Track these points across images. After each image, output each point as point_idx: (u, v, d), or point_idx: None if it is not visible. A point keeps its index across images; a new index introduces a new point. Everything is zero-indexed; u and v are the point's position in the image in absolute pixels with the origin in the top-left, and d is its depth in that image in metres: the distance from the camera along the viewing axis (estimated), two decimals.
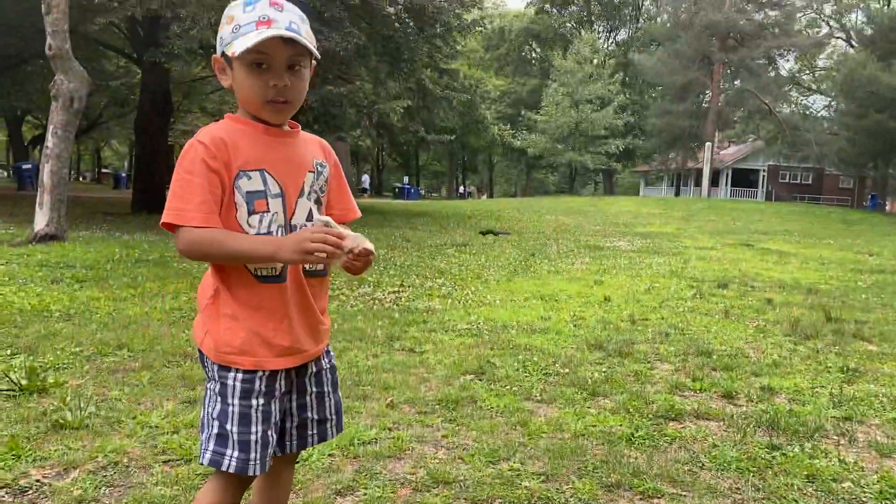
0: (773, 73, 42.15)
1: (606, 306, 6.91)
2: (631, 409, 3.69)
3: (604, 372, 4.44)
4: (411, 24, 19.18)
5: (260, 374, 1.69)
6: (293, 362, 1.74)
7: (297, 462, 2.87)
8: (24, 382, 3.72)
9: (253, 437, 1.69)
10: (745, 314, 6.71)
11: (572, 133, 46.26)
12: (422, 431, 3.34)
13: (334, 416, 1.94)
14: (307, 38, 1.64)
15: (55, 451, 2.97)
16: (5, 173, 42.02)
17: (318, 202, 1.76)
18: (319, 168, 1.79)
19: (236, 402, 1.68)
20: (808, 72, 51.93)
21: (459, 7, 20.16)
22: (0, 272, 7.21)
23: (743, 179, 47.58)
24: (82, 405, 3.46)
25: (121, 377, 4.01)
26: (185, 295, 6.59)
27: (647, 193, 51.56)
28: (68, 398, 3.57)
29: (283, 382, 1.76)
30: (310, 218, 1.72)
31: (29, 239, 9.59)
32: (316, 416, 1.88)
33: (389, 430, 3.34)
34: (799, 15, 43.66)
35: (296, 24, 1.63)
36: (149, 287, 6.91)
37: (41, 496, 2.61)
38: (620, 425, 3.46)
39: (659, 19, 52.20)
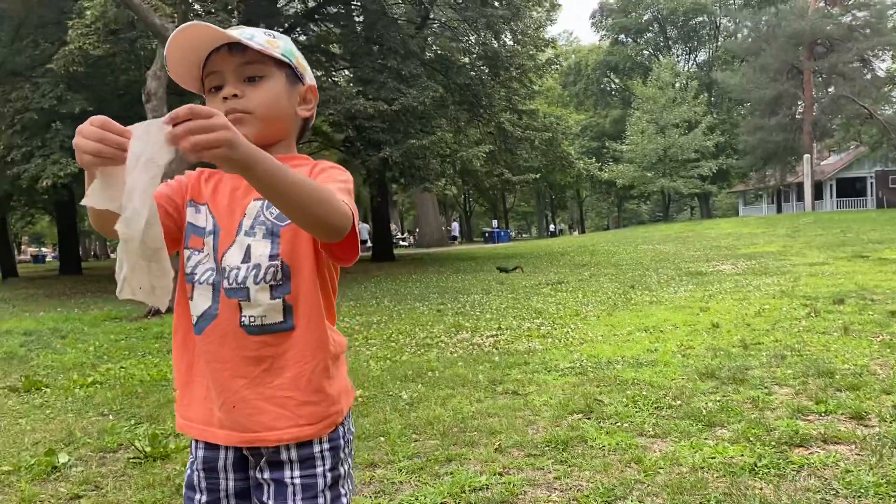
0: (868, 76, 40.13)
1: (715, 333, 6.64)
2: (751, 438, 3.50)
3: (718, 401, 4.24)
4: (486, 70, 19.52)
5: (195, 441, 1.45)
6: (221, 439, 1.39)
7: None
8: (148, 449, 3.91)
9: None
10: (866, 329, 6.29)
11: (661, 159, 45.36)
12: (533, 475, 3.27)
13: None
14: (267, 46, 1.39)
15: None
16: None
17: (271, 235, 1.36)
18: None
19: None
20: None
21: (533, 48, 20.39)
22: (121, 347, 7.65)
23: (849, 189, 45.13)
24: None
25: None
26: None
27: (747, 213, 49.66)
28: None
29: (229, 467, 1.42)
30: (247, 260, 1.36)
31: (145, 313, 10.16)
32: None
33: (500, 475, 3.29)
34: (890, 12, 41.62)
35: (250, 34, 1.39)
36: None
37: None
38: (741, 455, 3.28)
39: (739, 35, 50.99)
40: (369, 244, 31.38)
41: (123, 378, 6.06)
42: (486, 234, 44.88)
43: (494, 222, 51.61)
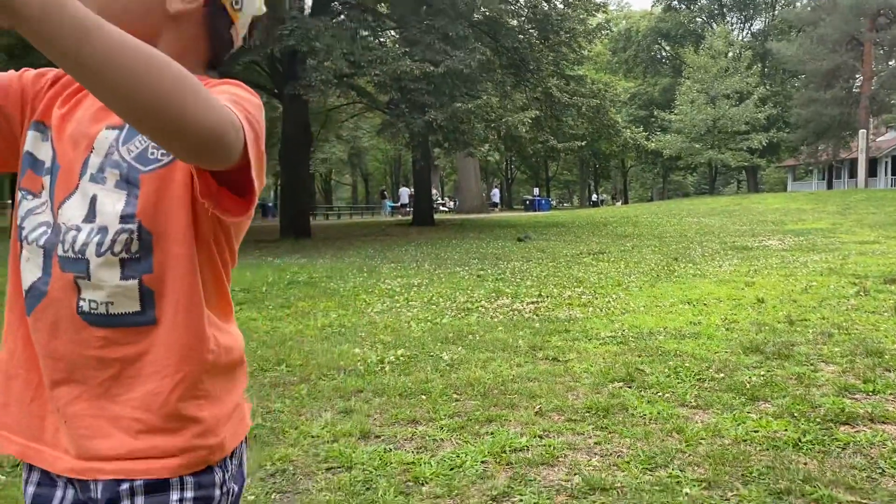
0: None
1: (760, 308, 6.55)
2: (796, 414, 3.47)
3: (762, 376, 4.20)
4: (535, 34, 19.21)
5: (25, 466, 1.07)
6: (33, 458, 1.02)
7: (451, 469, 2.93)
8: None
9: None
10: None
11: (710, 131, 44.31)
12: (573, 439, 3.30)
13: None
14: None
15: None
16: None
17: (126, 184, 0.96)
18: None
19: None
20: None
21: (584, 13, 19.97)
22: None
23: None
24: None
25: (281, 391, 4.25)
26: (335, 312, 6.90)
27: (796, 189, 48.41)
28: None
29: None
30: (91, 218, 0.96)
31: None
32: None
33: (540, 437, 3.33)
34: None
35: None
36: (301, 306, 7.29)
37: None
38: (785, 430, 3.26)
39: (798, 4, 49.19)
40: (410, 208, 31.47)
41: None
42: (527, 202, 44.62)
43: (536, 190, 51.24)
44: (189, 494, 0.98)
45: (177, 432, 0.98)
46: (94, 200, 0.96)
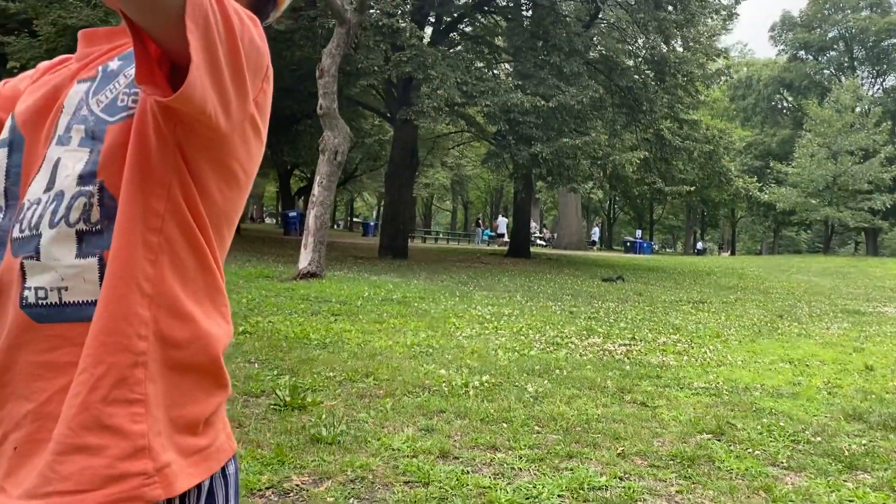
0: None
1: (868, 375, 6.18)
2: None
3: (863, 445, 3.97)
4: (651, 75, 19.00)
5: None
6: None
7: (527, 498, 2.92)
8: (287, 399, 4.19)
9: None
10: None
11: (829, 187, 42.24)
12: (654, 485, 3.22)
13: None
14: None
15: (312, 461, 3.29)
16: (275, 220, 47.73)
17: (91, 139, 0.81)
18: (110, 69, 0.87)
19: None
20: None
21: (703, 56, 19.62)
22: (271, 304, 8.18)
23: None
24: (335, 423, 3.81)
25: (367, 402, 4.36)
26: (424, 332, 7.00)
27: None
28: (323, 416, 3.95)
29: None
30: (50, 186, 0.81)
31: (294, 276, 10.79)
32: None
33: (620, 479, 3.27)
34: None
35: None
36: (392, 323, 7.44)
37: (300, 499, 2.91)
38: (884, 503, 3.07)
39: None
40: (507, 238, 31.47)
41: (270, 332, 6.49)
42: (627, 244, 43.75)
43: (638, 232, 50.15)
44: None
45: (97, 451, 0.73)
46: (56, 165, 0.81)
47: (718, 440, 3.98)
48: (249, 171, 0.90)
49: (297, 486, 3.04)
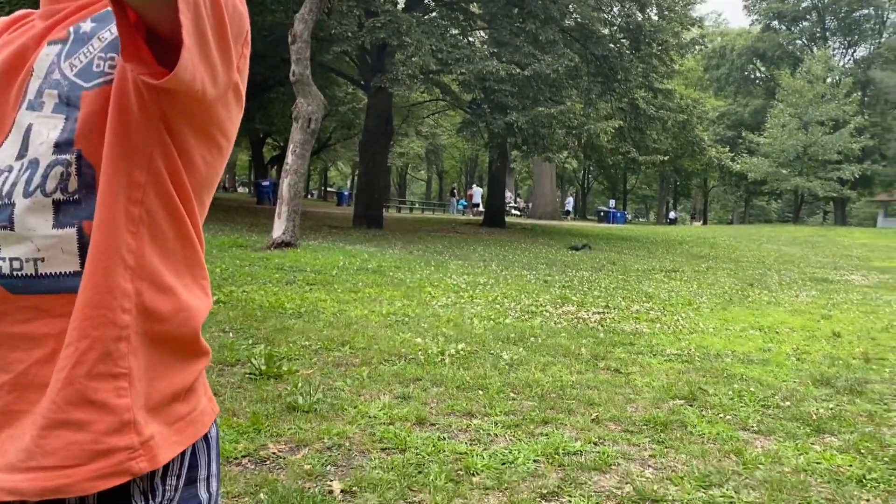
0: None
1: (835, 342, 6.32)
2: (863, 450, 3.35)
3: (831, 409, 4.07)
4: (626, 43, 18.96)
5: None
6: None
7: (503, 463, 2.95)
8: (263, 368, 4.17)
9: None
10: None
11: (799, 157, 42.72)
12: (628, 449, 3.28)
13: None
14: None
15: (288, 429, 3.29)
16: (247, 190, 47.21)
17: (66, 105, 0.79)
18: (83, 31, 0.84)
19: None
20: None
21: (678, 26, 19.60)
22: (245, 273, 8.11)
23: None
24: (311, 392, 3.81)
25: (343, 370, 4.36)
26: (400, 301, 7.00)
27: (887, 226, 46.21)
28: (299, 385, 3.95)
29: None
30: (23, 154, 0.79)
31: (268, 245, 10.70)
32: None
33: (595, 444, 3.31)
34: None
35: None
36: (368, 292, 7.43)
37: (277, 467, 2.91)
38: (850, 465, 3.15)
39: None
40: (481, 208, 31.47)
41: (245, 301, 6.44)
42: (601, 213, 44.04)
43: (612, 202, 50.48)
44: None
45: (82, 426, 0.73)
46: (28, 131, 0.79)
47: (690, 405, 4.05)
48: (231, 136, 0.89)
49: (274, 453, 3.03)
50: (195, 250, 0.84)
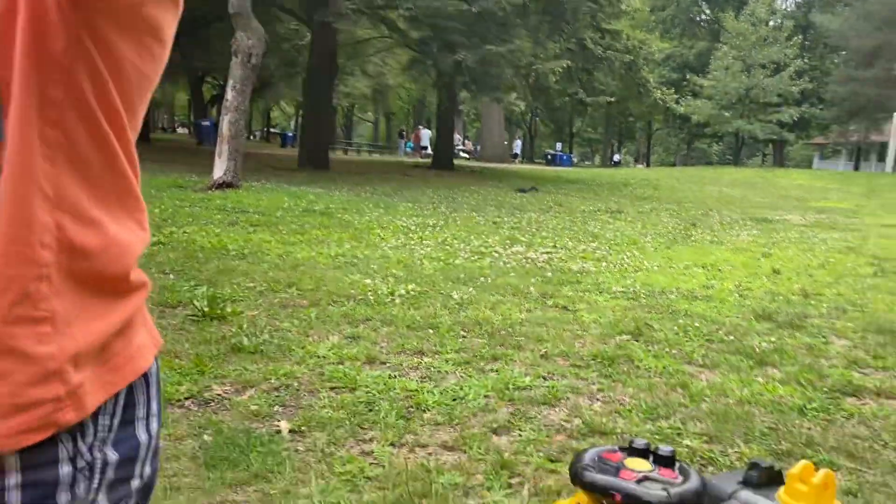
0: None
1: (775, 279, 6.49)
2: (803, 382, 3.45)
3: (772, 342, 4.18)
4: None
5: None
6: None
7: (454, 399, 2.94)
8: (206, 309, 4.05)
9: None
10: None
11: (741, 100, 43.38)
12: (576, 383, 3.30)
13: None
14: None
15: (233, 370, 3.21)
16: (187, 130, 45.72)
17: None
18: None
19: None
20: None
21: None
22: (185, 214, 7.86)
23: None
24: (257, 333, 3.72)
25: (290, 311, 4.27)
26: (348, 243, 6.90)
27: (822, 167, 47.66)
28: (244, 326, 3.85)
29: None
30: None
31: (209, 186, 10.38)
32: None
33: (544, 378, 3.33)
34: None
35: None
36: (315, 234, 7.29)
37: (222, 408, 2.84)
38: (791, 396, 3.25)
39: None
40: (430, 151, 31.17)
41: (185, 242, 6.25)
42: (548, 156, 44.14)
43: (559, 145, 50.62)
44: (13, 481, 0.65)
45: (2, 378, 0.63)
46: None
47: (637, 341, 4.11)
48: (166, 41, 0.74)
49: (219, 395, 2.96)
50: (126, 178, 0.73)
